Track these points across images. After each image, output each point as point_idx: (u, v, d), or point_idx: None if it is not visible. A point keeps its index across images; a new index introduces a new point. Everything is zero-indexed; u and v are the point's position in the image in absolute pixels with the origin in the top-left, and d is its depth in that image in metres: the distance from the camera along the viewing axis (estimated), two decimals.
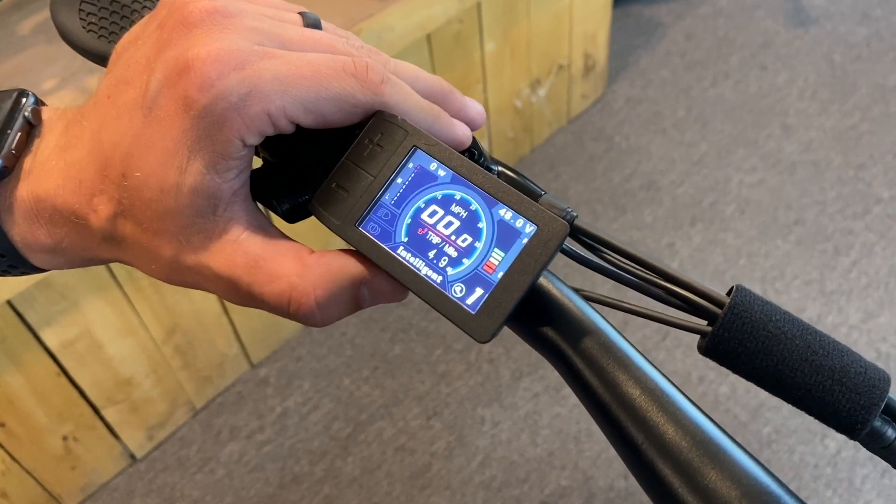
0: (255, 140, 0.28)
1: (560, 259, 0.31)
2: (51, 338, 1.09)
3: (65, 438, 1.19)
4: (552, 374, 1.35)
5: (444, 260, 0.29)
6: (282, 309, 0.30)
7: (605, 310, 0.34)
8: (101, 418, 1.22)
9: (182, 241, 0.29)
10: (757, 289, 1.45)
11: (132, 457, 1.31)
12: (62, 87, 1.06)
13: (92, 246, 0.31)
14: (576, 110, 1.79)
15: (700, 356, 1.37)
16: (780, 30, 1.96)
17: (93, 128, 0.30)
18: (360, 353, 1.43)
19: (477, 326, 0.28)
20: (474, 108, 0.36)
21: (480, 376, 1.37)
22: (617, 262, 0.34)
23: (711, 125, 1.76)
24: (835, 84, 1.82)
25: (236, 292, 0.30)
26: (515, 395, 1.34)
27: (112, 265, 1.10)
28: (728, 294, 0.32)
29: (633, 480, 1.21)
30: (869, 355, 1.35)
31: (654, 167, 1.69)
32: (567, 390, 1.33)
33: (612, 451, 1.16)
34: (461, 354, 1.41)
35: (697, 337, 0.32)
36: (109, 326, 1.15)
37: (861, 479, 1.22)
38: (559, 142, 1.75)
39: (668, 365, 1.35)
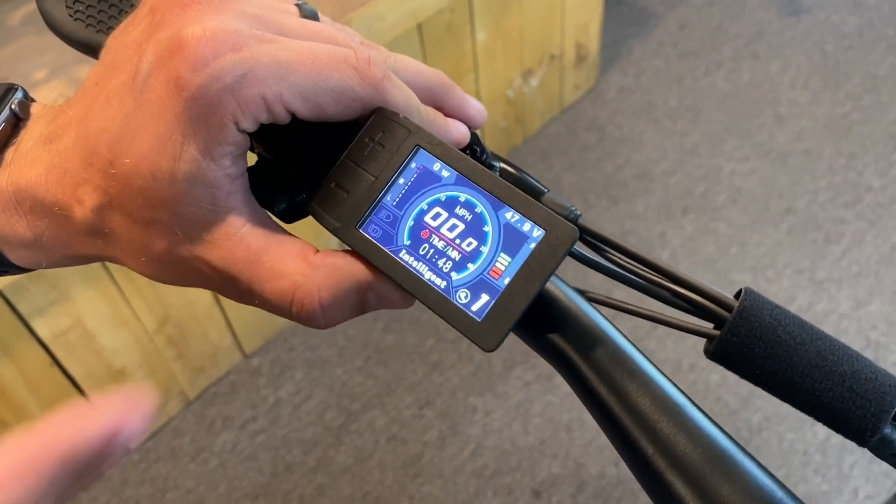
0: (249, 125, 0.27)
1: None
2: (43, 328, 1.09)
3: None
4: (544, 364, 1.36)
5: (449, 264, 0.28)
6: (283, 308, 0.29)
7: (607, 311, 0.33)
8: None
9: (177, 232, 0.28)
10: (748, 278, 1.46)
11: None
12: (53, 78, 1.06)
13: (75, 240, 0.29)
14: (568, 100, 1.79)
15: (690, 345, 1.37)
16: (772, 19, 1.96)
17: (79, 115, 0.28)
18: (352, 343, 1.43)
19: (483, 334, 0.27)
20: (474, 106, 0.35)
21: (472, 366, 1.38)
22: (622, 262, 0.33)
23: (704, 115, 1.76)
24: (827, 73, 1.82)
25: (235, 289, 0.29)
26: (507, 384, 1.35)
27: None
28: (736, 297, 0.32)
29: (624, 468, 1.22)
30: (859, 343, 1.35)
31: (646, 157, 1.69)
32: (559, 379, 1.34)
33: (604, 439, 1.16)
34: (453, 344, 1.41)
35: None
36: (101, 317, 1.15)
37: (850, 465, 1.22)
38: (552, 132, 1.75)
39: (658, 354, 1.36)
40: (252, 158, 0.33)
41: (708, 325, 0.32)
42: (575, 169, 1.68)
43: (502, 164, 0.37)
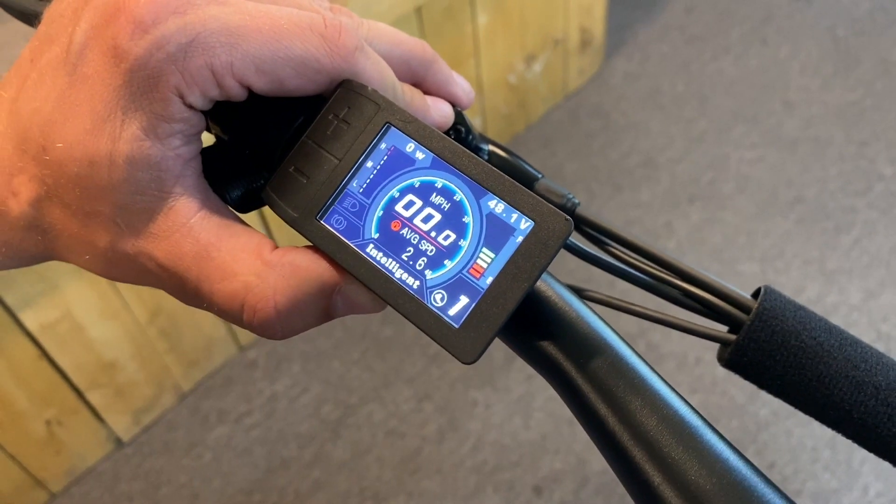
0: (197, 101, 0.24)
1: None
2: (30, 320, 1.06)
3: (48, 423, 1.16)
4: None
5: (423, 261, 0.25)
6: (234, 313, 0.25)
7: (607, 311, 0.30)
8: (86, 402, 1.20)
9: (120, 224, 0.25)
10: (756, 268, 1.42)
11: (118, 441, 1.28)
12: None
13: (14, 239, 0.26)
14: (572, 86, 1.75)
15: (696, 338, 1.34)
16: (781, 3, 1.92)
17: (10, 97, 0.25)
18: (350, 336, 1.40)
19: (460, 344, 0.24)
20: (461, 84, 0.31)
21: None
22: (625, 257, 0.30)
23: (711, 101, 1.72)
24: (837, 58, 1.78)
25: (182, 289, 0.25)
26: (508, 377, 1.32)
27: None
28: (754, 296, 0.28)
29: None
30: (869, 336, 1.32)
31: (652, 144, 1.65)
32: None
33: None
34: None
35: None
36: (91, 308, 1.12)
37: (859, 462, 1.19)
38: (555, 118, 1.72)
39: (663, 346, 1.33)
40: (209, 140, 0.29)
41: (722, 328, 0.29)
42: (578, 156, 1.64)
43: (491, 147, 0.33)
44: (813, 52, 1.80)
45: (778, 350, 0.27)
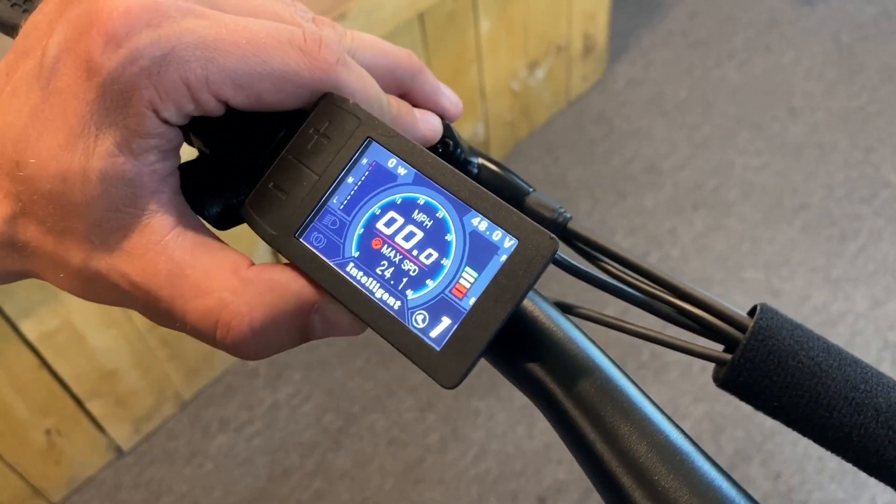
0: (172, 115, 0.23)
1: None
2: (30, 329, 1.06)
3: (48, 432, 1.16)
4: None
5: (404, 280, 0.24)
6: (207, 332, 0.24)
7: (595, 329, 0.29)
8: (86, 411, 1.19)
9: (94, 241, 0.24)
10: (760, 276, 1.41)
11: (119, 450, 1.28)
12: None
13: None
14: (575, 92, 1.75)
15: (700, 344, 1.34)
16: (785, 8, 1.91)
17: None
18: (352, 344, 1.39)
19: (441, 368, 0.23)
20: (448, 95, 0.30)
21: (475, 367, 1.34)
22: (618, 273, 0.29)
23: (715, 107, 1.71)
24: (842, 64, 1.77)
25: (156, 309, 0.25)
26: (511, 386, 1.30)
27: None
28: (750, 314, 0.27)
29: None
30: (876, 345, 1.31)
31: (655, 150, 1.64)
32: None
33: None
34: None
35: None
36: (91, 317, 1.11)
37: None
38: (558, 125, 1.71)
39: (668, 355, 1.32)
40: (190, 154, 0.28)
41: (717, 347, 0.28)
42: (582, 163, 1.63)
43: (481, 161, 0.32)
44: (817, 57, 1.79)
45: (774, 370, 0.26)
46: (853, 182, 1.55)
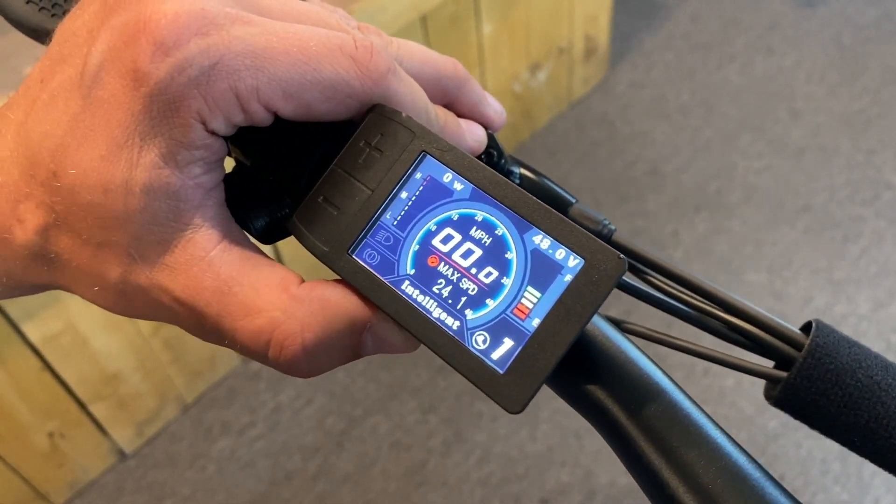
0: (220, 126, 0.23)
1: None
2: (33, 332, 1.06)
3: (51, 435, 1.16)
4: None
5: (463, 300, 0.23)
6: (258, 352, 0.24)
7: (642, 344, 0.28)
8: (89, 414, 1.19)
9: (134, 255, 0.23)
10: (763, 278, 1.41)
11: (121, 453, 1.28)
12: None
13: (16, 268, 0.25)
14: (577, 95, 1.75)
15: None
16: (787, 11, 1.91)
17: (18, 119, 0.24)
18: None
19: (507, 392, 0.22)
20: (493, 105, 0.30)
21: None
22: (665, 287, 0.28)
23: (716, 110, 1.71)
24: (844, 66, 1.77)
25: (201, 326, 0.24)
26: None
27: None
28: (804, 330, 0.26)
29: None
30: (878, 347, 1.31)
31: (657, 153, 1.64)
32: None
33: None
34: None
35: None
36: (94, 320, 1.11)
37: (870, 475, 1.18)
38: (560, 127, 1.71)
39: (671, 356, 1.31)
40: (229, 165, 0.28)
41: (768, 363, 0.27)
42: (583, 165, 1.63)
43: (522, 170, 0.32)
44: (819, 60, 1.79)
45: (832, 389, 0.26)
46: (855, 184, 1.55)
